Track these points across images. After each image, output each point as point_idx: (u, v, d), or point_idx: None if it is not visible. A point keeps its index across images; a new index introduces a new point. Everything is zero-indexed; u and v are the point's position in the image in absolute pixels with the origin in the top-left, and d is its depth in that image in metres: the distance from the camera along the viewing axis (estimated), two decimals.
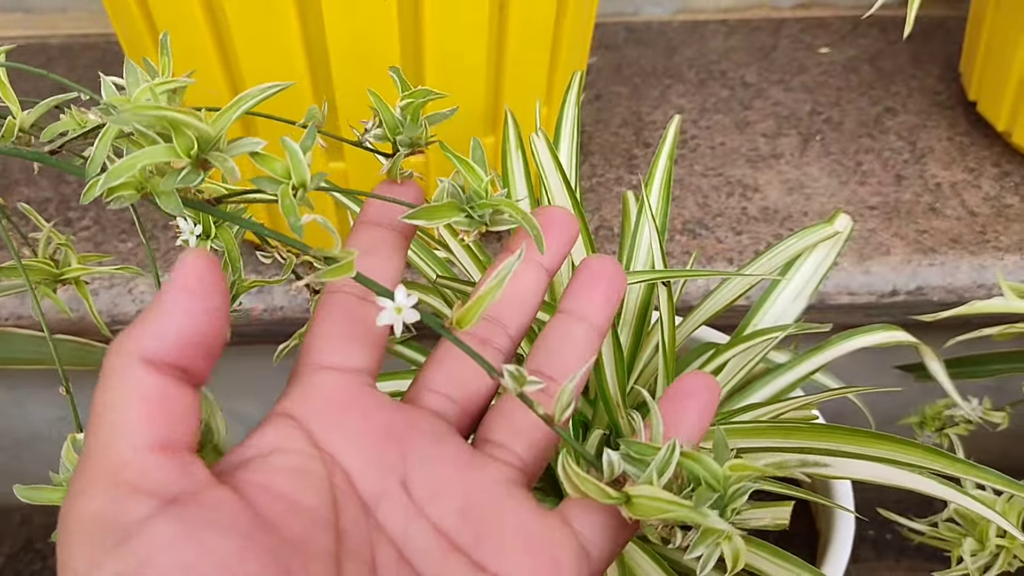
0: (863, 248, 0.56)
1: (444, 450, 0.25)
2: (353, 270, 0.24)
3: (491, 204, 0.25)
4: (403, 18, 0.43)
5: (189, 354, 0.21)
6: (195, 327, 0.21)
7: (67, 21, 0.78)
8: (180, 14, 0.44)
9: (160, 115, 0.22)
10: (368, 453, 0.24)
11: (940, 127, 0.66)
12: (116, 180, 0.22)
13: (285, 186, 0.23)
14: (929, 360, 0.47)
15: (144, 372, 0.20)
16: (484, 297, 0.24)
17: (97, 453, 0.20)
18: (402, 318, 0.23)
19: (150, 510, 0.19)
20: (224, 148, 0.23)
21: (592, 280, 0.28)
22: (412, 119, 0.28)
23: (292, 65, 0.45)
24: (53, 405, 0.67)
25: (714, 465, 0.23)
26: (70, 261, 0.37)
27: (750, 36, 0.77)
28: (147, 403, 0.20)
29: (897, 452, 0.29)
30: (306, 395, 0.24)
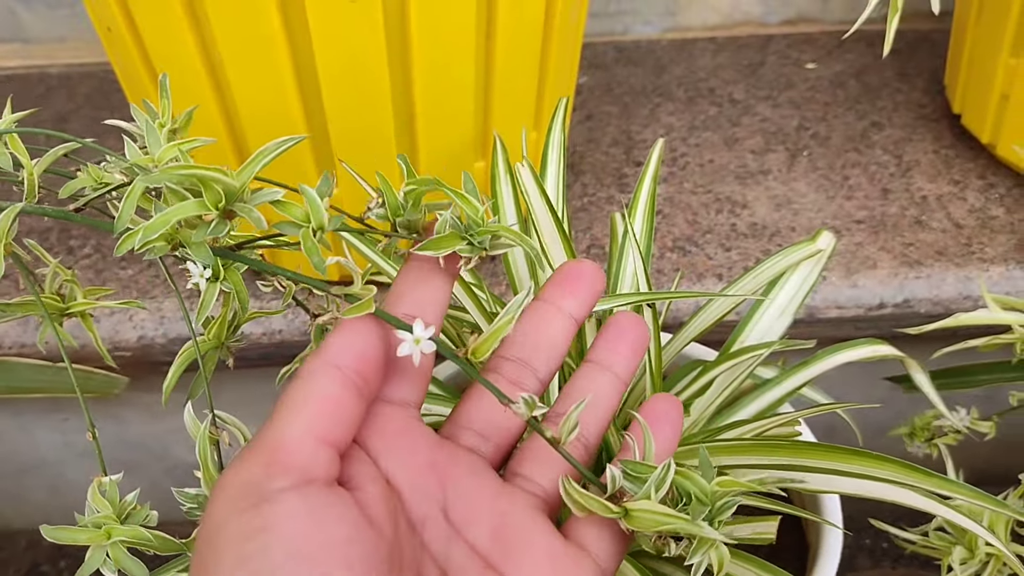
0: (850, 262, 0.57)
1: (478, 482, 0.28)
2: (372, 307, 0.26)
3: (489, 231, 0.27)
4: (391, 49, 0.44)
5: (369, 367, 0.26)
6: (374, 346, 0.26)
7: (65, 51, 0.79)
8: (175, 50, 0.45)
9: (191, 173, 0.23)
10: (414, 481, 0.27)
11: (925, 140, 0.67)
12: (152, 235, 0.24)
13: (306, 229, 0.25)
14: (915, 373, 0.48)
15: (332, 375, 0.25)
16: (498, 331, 0.26)
17: (268, 434, 0.24)
18: (420, 348, 0.26)
19: (287, 484, 0.23)
20: (248, 199, 0.25)
21: (619, 334, 0.31)
22: (414, 205, 0.29)
23: (284, 96, 0.46)
24: (57, 431, 0.68)
25: (703, 482, 0.26)
26: (76, 295, 0.39)
27: (738, 53, 0.78)
28: (325, 401, 0.25)
29: (875, 468, 0.30)
30: (369, 423, 0.27)
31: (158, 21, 0.44)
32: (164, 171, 0.23)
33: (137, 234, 0.23)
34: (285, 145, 0.25)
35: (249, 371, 0.58)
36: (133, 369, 0.57)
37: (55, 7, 0.78)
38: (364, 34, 0.43)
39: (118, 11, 0.45)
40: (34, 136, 0.74)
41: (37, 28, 0.79)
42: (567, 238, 0.37)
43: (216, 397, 0.67)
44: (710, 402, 0.42)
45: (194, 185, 0.24)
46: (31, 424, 0.68)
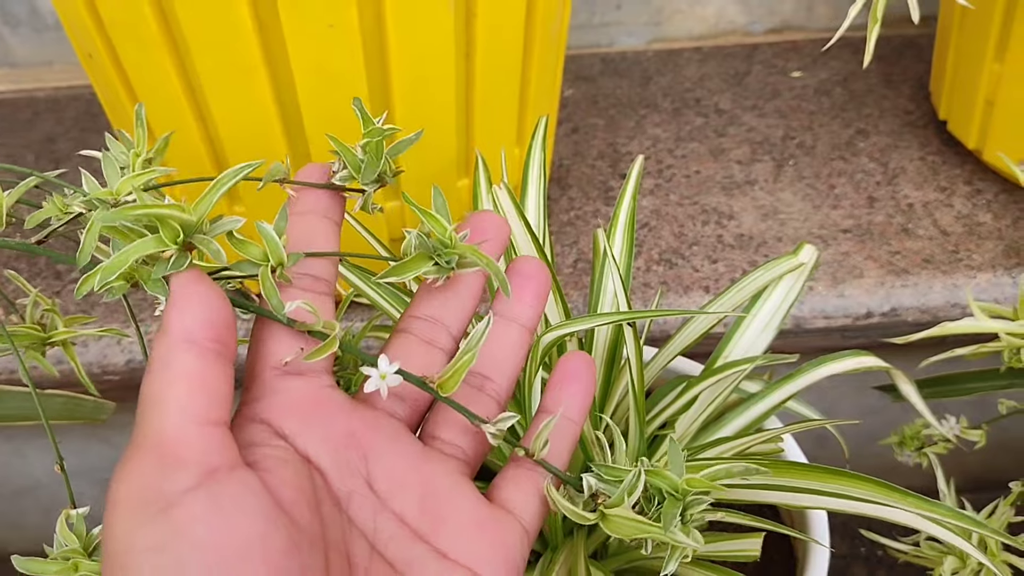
0: (837, 272, 0.57)
1: (399, 447, 0.27)
2: (335, 346, 0.26)
3: (456, 251, 0.27)
4: (371, 71, 0.44)
5: (220, 329, 0.24)
6: (217, 307, 0.24)
7: (53, 75, 0.80)
8: (155, 76, 0.45)
9: (145, 212, 0.23)
10: (336, 455, 0.26)
11: (912, 147, 0.67)
12: (111, 276, 0.23)
13: (264, 268, 0.25)
14: (902, 383, 0.48)
15: (187, 352, 0.23)
16: (463, 365, 0.26)
17: (146, 429, 0.22)
18: (386, 383, 0.25)
19: (190, 482, 0.22)
20: (207, 230, 0.25)
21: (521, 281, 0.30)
22: (374, 156, 0.29)
23: (265, 119, 0.46)
24: (51, 453, 0.68)
25: (674, 478, 0.26)
26: (56, 325, 0.39)
27: (724, 62, 0.78)
28: (191, 380, 0.23)
29: (855, 488, 0.30)
30: (274, 401, 0.26)
31: (137, 47, 0.44)
32: (119, 211, 0.23)
33: (95, 276, 0.23)
34: (240, 174, 0.25)
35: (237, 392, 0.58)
36: (122, 392, 0.56)
37: (42, 31, 0.78)
38: (343, 57, 0.43)
39: (98, 38, 0.45)
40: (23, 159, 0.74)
41: (24, 52, 0.79)
42: (547, 260, 0.37)
43: None
44: (694, 418, 0.42)
45: (151, 222, 0.24)
46: (24, 448, 0.68)
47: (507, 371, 0.29)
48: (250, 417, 0.26)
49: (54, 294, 0.60)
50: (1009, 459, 0.69)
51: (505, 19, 0.47)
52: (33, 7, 0.77)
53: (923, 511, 0.28)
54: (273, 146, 0.47)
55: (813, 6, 0.80)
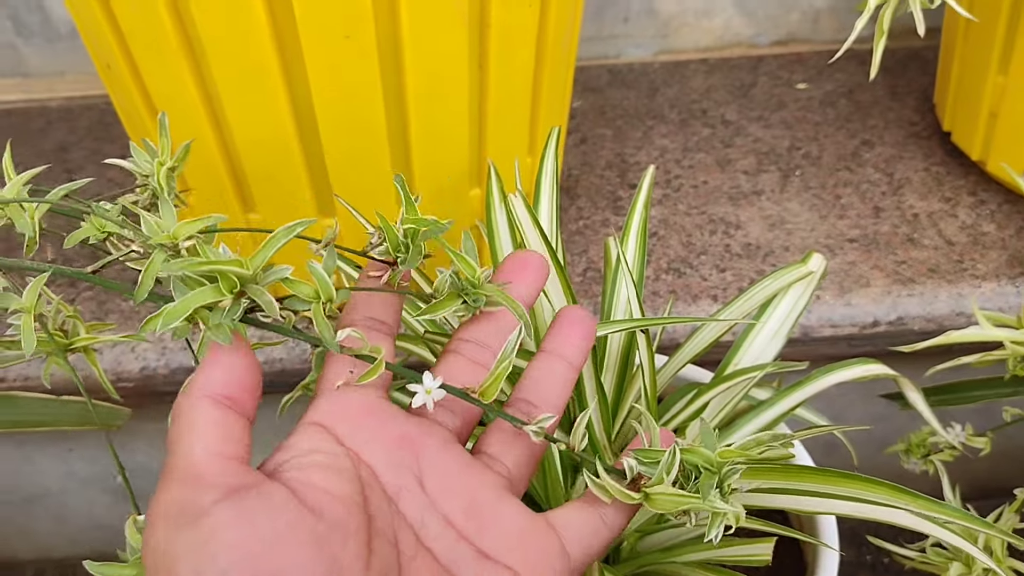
0: (843, 281, 0.57)
1: (450, 455, 0.29)
2: (382, 369, 0.28)
3: (483, 292, 0.30)
4: (386, 82, 0.45)
5: (235, 388, 0.27)
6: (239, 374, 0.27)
7: (65, 84, 0.81)
8: (173, 86, 0.46)
9: (208, 269, 0.25)
10: (388, 453, 0.28)
11: (916, 158, 0.68)
12: (173, 321, 0.25)
13: (317, 304, 0.27)
14: (908, 391, 0.49)
15: (208, 405, 0.26)
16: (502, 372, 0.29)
17: (178, 460, 0.26)
18: (431, 398, 0.28)
19: (216, 497, 0.24)
20: (260, 280, 0.26)
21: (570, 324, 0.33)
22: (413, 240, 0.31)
23: (281, 129, 0.46)
24: (61, 461, 0.69)
25: (708, 453, 0.28)
26: (79, 331, 0.40)
27: (730, 74, 0.79)
28: (214, 424, 0.26)
29: (866, 491, 0.30)
30: (331, 407, 0.29)
31: (156, 58, 0.45)
32: (186, 263, 0.25)
33: (158, 319, 0.25)
34: (296, 230, 0.27)
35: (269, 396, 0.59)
36: (136, 399, 0.57)
37: (54, 41, 0.79)
38: (359, 68, 0.44)
39: (117, 48, 0.46)
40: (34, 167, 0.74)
41: (37, 62, 0.80)
42: (561, 268, 0.37)
43: None
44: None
45: (210, 273, 0.25)
46: (35, 454, 0.69)
47: (553, 401, 0.32)
48: (308, 421, 0.29)
49: (69, 302, 0.60)
50: (1014, 466, 0.69)
51: (518, 31, 0.48)
52: (46, 17, 0.78)
53: (933, 512, 0.29)
54: (289, 155, 0.48)
55: (818, 18, 0.81)
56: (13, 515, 0.73)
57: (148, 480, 0.73)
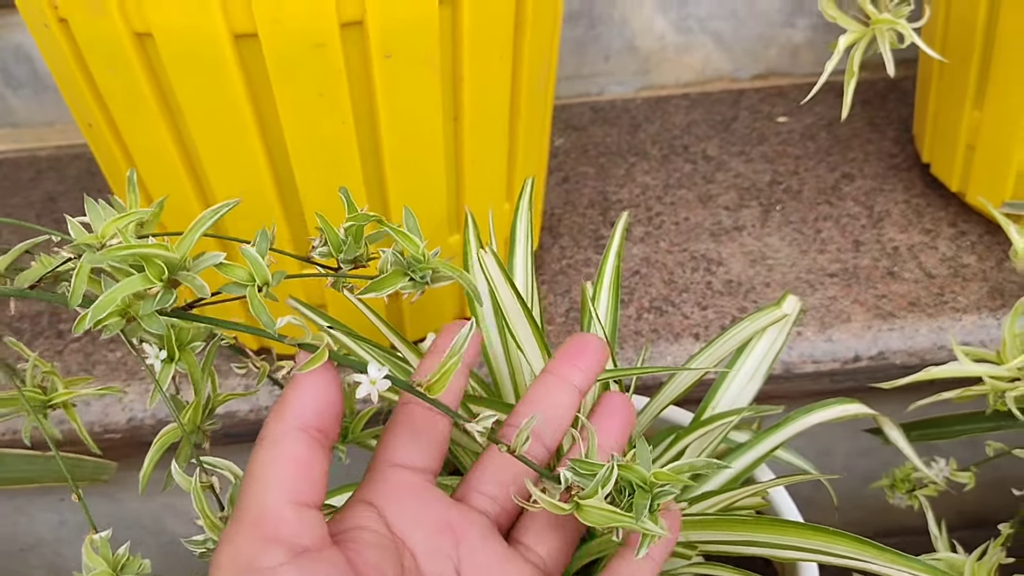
0: (824, 316, 0.58)
1: (489, 547, 0.30)
2: (324, 358, 0.27)
3: (430, 266, 0.29)
4: (361, 136, 0.46)
5: (328, 421, 0.27)
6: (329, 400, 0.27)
7: (54, 134, 0.82)
8: (152, 143, 0.46)
9: (130, 252, 0.25)
10: (429, 540, 0.29)
11: (896, 190, 0.68)
12: (102, 313, 0.25)
13: (252, 287, 0.27)
14: (888, 429, 0.49)
15: (298, 439, 0.26)
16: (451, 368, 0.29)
17: (248, 503, 0.25)
18: (376, 388, 0.27)
19: (282, 558, 0.24)
20: (190, 267, 0.26)
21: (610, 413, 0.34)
22: (355, 239, 0.31)
23: (259, 182, 0.47)
24: (53, 511, 0.69)
25: (643, 471, 0.28)
26: (57, 387, 0.40)
27: (711, 109, 0.79)
28: (296, 464, 0.26)
29: (833, 544, 0.31)
30: (381, 487, 0.30)
31: (134, 118, 0.46)
32: (107, 252, 0.24)
33: (87, 316, 0.24)
34: (221, 211, 0.27)
35: (240, 447, 0.59)
36: (124, 450, 0.57)
37: (41, 92, 0.80)
38: (333, 124, 0.45)
39: (96, 109, 0.47)
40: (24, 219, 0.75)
41: (26, 112, 0.81)
42: (535, 322, 0.38)
43: None
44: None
45: (136, 261, 0.25)
46: (27, 506, 0.69)
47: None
48: (359, 499, 0.29)
49: (56, 354, 0.61)
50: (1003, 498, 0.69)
51: (491, 82, 0.48)
52: (34, 69, 0.79)
53: (900, 567, 0.29)
54: (268, 209, 0.48)
55: (797, 52, 0.82)
56: (9, 565, 0.73)
57: (136, 531, 0.73)
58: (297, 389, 0.27)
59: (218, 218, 0.27)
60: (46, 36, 0.45)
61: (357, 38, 0.42)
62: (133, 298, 0.26)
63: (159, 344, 0.35)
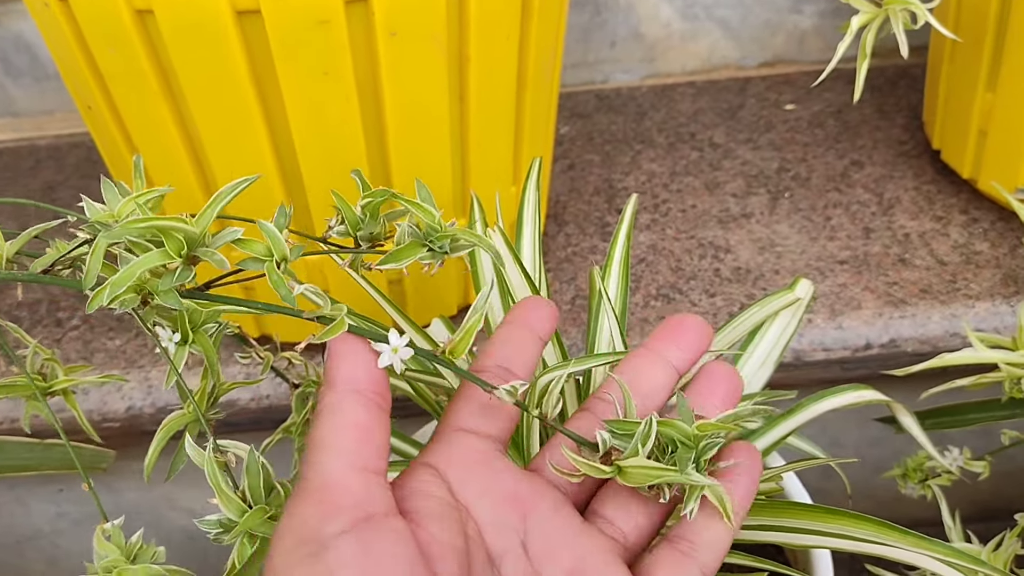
0: (835, 304, 0.57)
1: (560, 517, 0.28)
2: (345, 326, 0.27)
3: (447, 235, 0.28)
4: (366, 118, 0.45)
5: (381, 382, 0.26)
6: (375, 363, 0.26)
7: (54, 123, 0.81)
8: (153, 126, 0.46)
9: (150, 225, 0.24)
10: (495, 512, 0.27)
11: (907, 177, 0.67)
12: (121, 288, 0.24)
13: (270, 262, 0.26)
14: (902, 416, 0.48)
15: (356, 402, 0.26)
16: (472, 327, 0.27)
17: (311, 474, 0.25)
18: (399, 357, 0.27)
19: (344, 526, 0.24)
20: (209, 243, 0.26)
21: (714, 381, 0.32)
22: (372, 216, 0.30)
23: (263, 167, 0.46)
24: (51, 502, 0.68)
25: (685, 427, 0.27)
26: (57, 374, 0.39)
27: (718, 96, 0.79)
28: (358, 429, 0.25)
29: (852, 527, 0.30)
30: (447, 451, 0.28)
31: (135, 99, 0.45)
32: (124, 225, 0.24)
33: (105, 290, 0.24)
34: (238, 188, 0.26)
35: (241, 436, 0.58)
36: (123, 439, 0.57)
37: (42, 80, 0.79)
38: (338, 104, 0.44)
39: (97, 90, 0.46)
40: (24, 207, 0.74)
41: (26, 102, 0.80)
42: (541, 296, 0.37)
43: None
44: None
45: (155, 236, 0.25)
46: (26, 496, 0.68)
47: None
48: (423, 462, 0.28)
49: (55, 342, 0.60)
50: (1018, 488, 0.68)
51: (498, 64, 0.47)
52: (34, 57, 0.78)
53: (922, 550, 0.28)
54: (271, 191, 0.47)
55: (804, 39, 0.81)
56: (6, 557, 0.72)
57: (136, 521, 0.73)
58: (342, 355, 0.26)
59: (238, 192, 0.27)
60: (46, 16, 0.44)
61: (362, 15, 0.41)
62: (150, 275, 0.25)
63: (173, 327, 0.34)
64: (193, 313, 0.31)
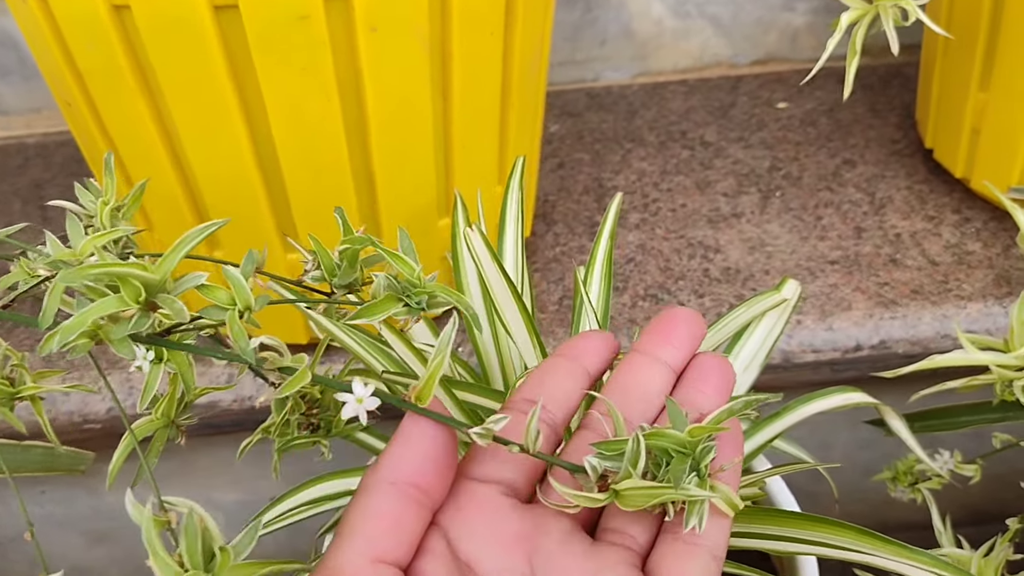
0: (825, 304, 0.56)
1: (569, 548, 0.27)
2: (308, 376, 0.26)
3: (426, 291, 0.27)
4: (347, 116, 0.44)
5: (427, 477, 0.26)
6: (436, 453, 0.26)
7: (42, 121, 0.80)
8: (132, 124, 0.45)
9: (106, 271, 0.23)
10: (499, 559, 0.27)
11: (899, 176, 0.67)
12: (71, 335, 0.23)
13: (232, 312, 0.25)
14: (891, 419, 0.47)
15: (387, 494, 0.25)
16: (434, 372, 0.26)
17: (328, 555, 0.25)
18: (364, 407, 0.25)
19: None
20: (170, 289, 0.25)
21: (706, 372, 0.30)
22: (349, 264, 0.29)
23: (242, 164, 0.45)
24: (34, 503, 0.67)
25: (677, 434, 0.25)
26: (25, 379, 0.38)
27: (709, 95, 0.78)
28: (382, 519, 0.25)
29: (831, 535, 0.29)
30: (451, 505, 0.28)
31: (113, 96, 0.44)
32: (80, 270, 0.23)
33: (54, 337, 0.23)
34: (204, 234, 0.25)
35: (223, 438, 0.58)
36: (104, 440, 0.56)
37: (30, 79, 0.78)
38: (318, 101, 0.43)
39: (75, 87, 0.45)
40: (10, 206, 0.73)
41: (14, 100, 0.79)
42: (523, 305, 0.36)
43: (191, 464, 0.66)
44: None
45: (112, 281, 0.24)
46: (9, 497, 0.67)
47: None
48: (433, 521, 0.27)
49: (36, 342, 0.59)
50: (1010, 492, 0.68)
51: (482, 60, 0.47)
52: (21, 56, 0.77)
53: (903, 559, 0.27)
54: (251, 189, 0.47)
55: (796, 37, 0.80)
56: None
57: (117, 522, 0.72)
58: (400, 440, 0.26)
59: (204, 236, 0.26)
60: (24, 11, 0.44)
61: (342, 10, 0.41)
62: (108, 320, 0.24)
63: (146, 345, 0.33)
64: None
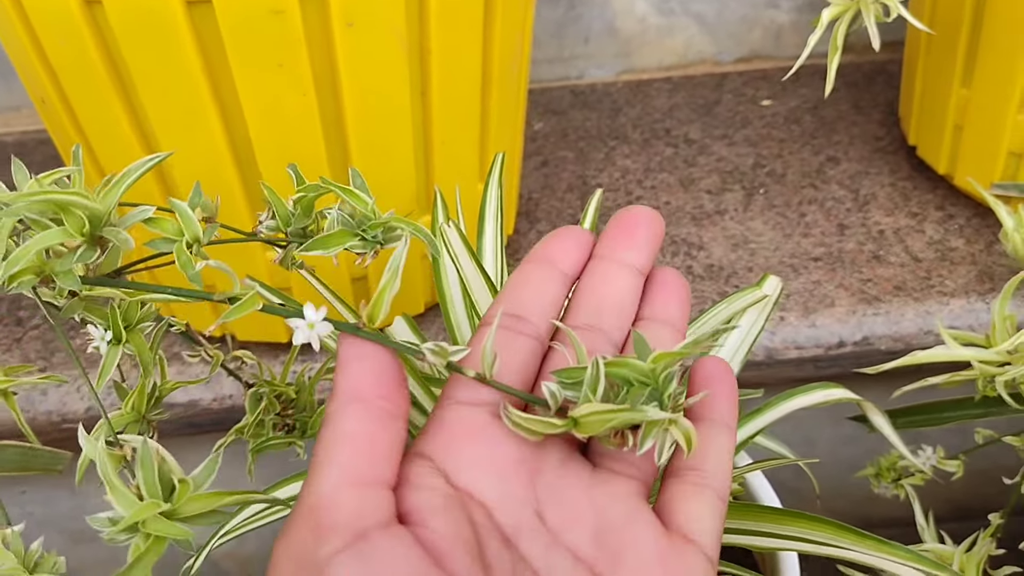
0: (808, 301, 0.56)
1: (569, 473, 0.26)
2: (259, 303, 0.25)
3: (381, 223, 0.26)
4: (324, 112, 0.44)
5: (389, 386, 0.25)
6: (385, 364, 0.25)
7: (21, 119, 0.79)
8: (106, 121, 0.44)
9: (47, 199, 0.22)
10: (501, 487, 0.25)
11: (882, 173, 0.67)
12: (15, 267, 0.22)
13: (179, 243, 0.25)
14: (873, 415, 0.47)
15: (357, 412, 0.24)
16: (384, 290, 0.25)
17: (306, 492, 0.24)
18: (316, 332, 0.24)
19: (338, 546, 0.22)
20: (116, 222, 0.24)
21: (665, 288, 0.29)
22: (304, 211, 0.29)
23: (219, 162, 0.45)
24: (15, 503, 0.67)
25: (639, 363, 0.24)
26: None
27: (693, 92, 0.78)
28: (352, 441, 0.24)
29: (810, 531, 0.29)
30: (439, 432, 0.26)
31: (86, 92, 0.44)
32: (21, 196, 0.22)
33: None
34: (148, 164, 0.25)
35: (203, 437, 0.57)
36: None
37: (8, 78, 0.78)
38: (294, 97, 0.43)
39: (49, 84, 0.45)
40: None
41: None
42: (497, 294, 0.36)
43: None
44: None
45: (57, 213, 0.23)
46: None
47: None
48: (416, 451, 0.26)
49: (15, 341, 0.59)
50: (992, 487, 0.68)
51: (461, 56, 0.46)
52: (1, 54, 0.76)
53: (882, 554, 0.27)
54: (228, 187, 0.46)
55: (781, 34, 0.80)
56: None
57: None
58: (347, 361, 0.25)
59: (149, 167, 0.26)
60: None
61: (317, 5, 0.40)
62: (54, 255, 0.24)
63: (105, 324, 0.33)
64: (128, 310, 0.30)
